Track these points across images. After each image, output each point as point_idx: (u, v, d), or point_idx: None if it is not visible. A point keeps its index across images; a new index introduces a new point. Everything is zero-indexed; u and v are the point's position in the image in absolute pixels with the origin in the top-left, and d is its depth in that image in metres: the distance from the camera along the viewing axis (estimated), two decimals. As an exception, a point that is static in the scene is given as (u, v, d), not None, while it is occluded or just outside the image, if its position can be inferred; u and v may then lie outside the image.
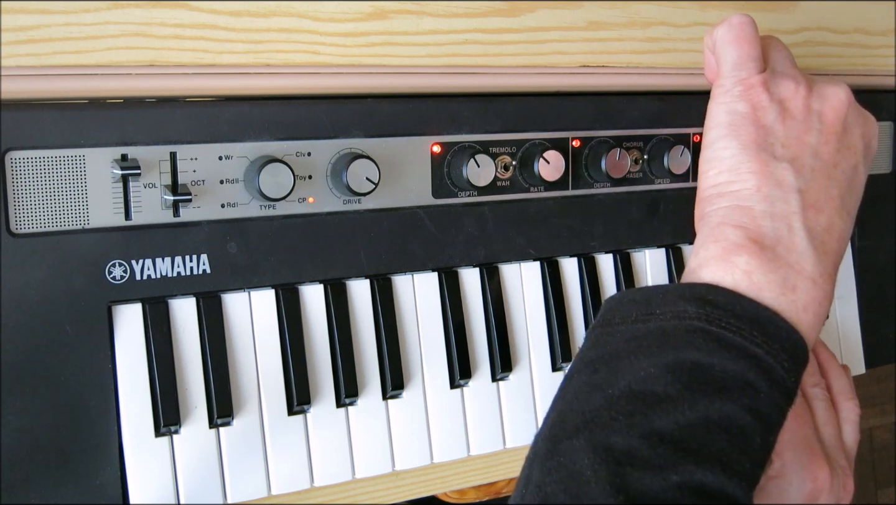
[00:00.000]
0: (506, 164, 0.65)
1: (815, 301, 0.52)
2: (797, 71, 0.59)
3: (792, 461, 0.65)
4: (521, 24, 0.64)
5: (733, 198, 0.54)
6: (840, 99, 0.58)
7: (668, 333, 0.50)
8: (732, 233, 0.53)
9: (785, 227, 0.53)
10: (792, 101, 0.57)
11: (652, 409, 0.46)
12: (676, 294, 0.52)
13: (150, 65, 0.54)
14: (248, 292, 0.59)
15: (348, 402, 0.62)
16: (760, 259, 0.52)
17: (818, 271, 0.53)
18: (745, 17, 0.58)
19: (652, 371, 0.48)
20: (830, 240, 0.54)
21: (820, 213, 0.54)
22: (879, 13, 0.79)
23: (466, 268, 0.66)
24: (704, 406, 0.47)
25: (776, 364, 0.49)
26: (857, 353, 0.83)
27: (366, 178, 0.59)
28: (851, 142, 0.58)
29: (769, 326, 0.50)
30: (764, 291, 0.51)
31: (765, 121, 0.55)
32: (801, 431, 0.67)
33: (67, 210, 0.53)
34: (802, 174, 0.55)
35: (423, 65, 0.61)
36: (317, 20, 0.58)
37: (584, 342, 0.53)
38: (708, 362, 0.48)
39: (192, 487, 0.57)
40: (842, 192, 0.56)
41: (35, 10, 0.50)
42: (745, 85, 0.56)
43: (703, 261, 0.53)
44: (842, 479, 0.66)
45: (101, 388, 0.54)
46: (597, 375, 0.50)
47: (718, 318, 0.50)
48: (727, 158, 0.55)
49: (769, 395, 0.49)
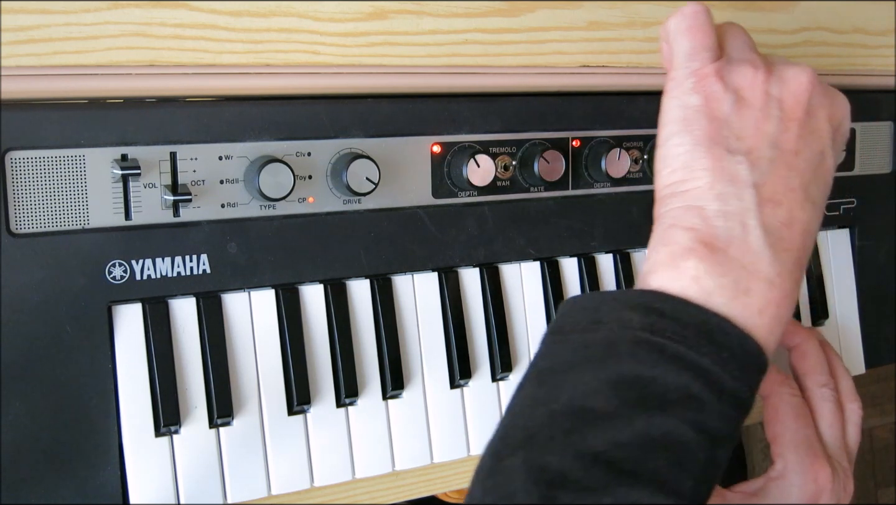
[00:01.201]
0: (506, 164, 0.65)
1: (772, 303, 0.50)
2: (756, 55, 0.56)
3: (794, 462, 0.65)
4: (521, 24, 0.64)
5: (686, 198, 0.52)
6: (801, 82, 0.54)
7: (613, 344, 0.47)
8: (682, 236, 0.50)
9: (739, 226, 0.50)
10: (749, 88, 0.53)
11: (589, 427, 0.44)
12: (623, 302, 0.49)
13: (150, 65, 0.54)
14: (248, 292, 0.59)
15: (348, 402, 0.62)
16: (710, 263, 0.49)
17: (775, 271, 0.50)
18: (697, 6, 0.55)
19: (593, 386, 0.46)
20: (791, 235, 0.51)
21: (778, 207, 0.51)
22: (879, 13, 0.79)
23: (466, 268, 0.66)
24: (643, 423, 0.44)
25: (724, 374, 0.47)
26: (857, 353, 0.83)
27: (366, 178, 0.59)
28: (816, 126, 0.54)
29: (717, 334, 0.47)
30: (714, 297, 0.49)
31: (719, 113, 0.52)
32: (803, 431, 0.67)
33: (67, 210, 0.53)
34: (759, 167, 0.52)
35: (423, 65, 0.61)
36: (317, 20, 0.58)
37: (538, 350, 0.51)
38: (650, 376, 0.46)
39: (192, 487, 0.57)
40: (805, 181, 0.53)
41: (35, 10, 0.50)
42: (697, 76, 0.53)
43: (653, 266, 0.51)
44: (843, 480, 0.66)
45: (101, 388, 0.54)
46: (542, 388, 0.48)
47: (663, 327, 0.47)
48: (680, 156, 0.52)
49: (716, 408, 0.46)
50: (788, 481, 0.65)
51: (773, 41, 0.74)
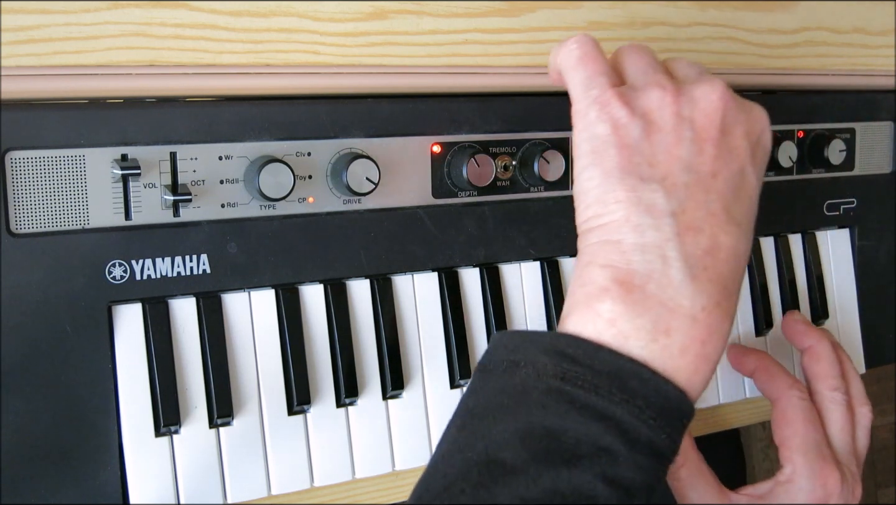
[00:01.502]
0: (506, 164, 0.65)
1: (696, 341, 0.47)
2: (662, 75, 0.53)
3: (802, 467, 0.65)
4: (521, 24, 0.64)
5: (602, 232, 0.49)
6: (712, 99, 0.51)
7: (527, 392, 0.46)
8: (599, 274, 0.48)
9: (658, 260, 0.48)
10: (657, 111, 0.50)
11: (497, 481, 0.43)
12: (540, 346, 0.48)
13: (150, 65, 0.54)
14: (248, 292, 0.59)
15: (348, 402, 0.62)
16: (626, 304, 0.47)
17: (699, 305, 0.47)
18: (581, 37, 0.53)
19: (504, 437, 0.44)
20: (715, 263, 0.49)
21: (700, 234, 0.49)
22: (879, 13, 0.79)
23: (466, 268, 0.66)
24: (551, 478, 0.43)
25: (639, 423, 0.45)
26: (857, 353, 0.83)
27: (366, 179, 0.59)
28: (733, 144, 0.51)
29: (632, 381, 0.46)
30: (630, 340, 0.47)
31: (628, 140, 0.50)
32: (812, 436, 0.66)
33: (67, 210, 0.53)
34: (675, 193, 0.49)
35: (423, 65, 0.61)
36: (317, 20, 0.58)
37: (469, 383, 0.50)
38: (560, 427, 0.44)
39: (192, 487, 0.57)
40: (726, 203, 0.50)
41: (35, 10, 0.50)
42: (600, 104, 0.50)
43: (570, 307, 0.49)
44: (851, 484, 0.66)
45: (101, 388, 0.54)
46: (463, 432, 0.47)
47: (575, 375, 0.46)
48: (592, 190, 0.50)
49: (630, 458, 0.44)
50: (797, 486, 0.65)
51: (773, 41, 0.74)
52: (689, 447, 0.67)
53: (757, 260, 0.77)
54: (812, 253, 0.80)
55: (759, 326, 0.77)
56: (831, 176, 0.80)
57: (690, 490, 0.66)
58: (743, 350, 0.74)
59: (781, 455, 0.67)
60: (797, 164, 0.77)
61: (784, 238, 0.79)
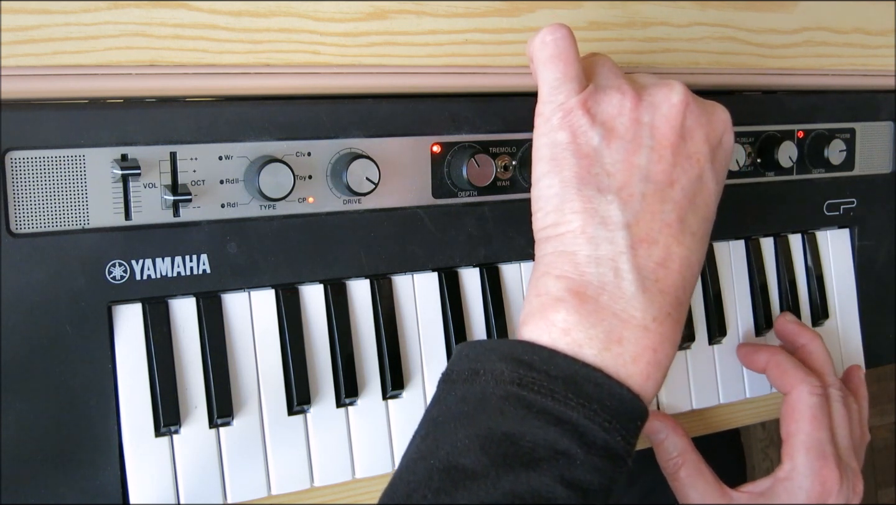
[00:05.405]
0: (506, 164, 0.65)
1: (649, 349, 0.48)
2: (624, 81, 0.53)
3: (802, 464, 0.66)
4: (522, 24, 0.64)
5: (558, 242, 0.50)
6: (672, 104, 0.52)
7: (486, 399, 0.47)
8: (554, 285, 0.49)
9: (611, 272, 0.49)
10: (617, 118, 0.51)
11: (458, 486, 0.44)
12: (498, 353, 0.48)
13: (150, 65, 0.54)
14: (248, 292, 0.59)
15: (348, 402, 0.62)
16: (580, 314, 0.48)
17: (650, 316, 0.49)
18: (561, 31, 0.52)
19: (465, 443, 0.45)
20: (667, 274, 0.50)
21: (654, 246, 0.50)
22: (879, 13, 0.79)
23: (466, 268, 0.66)
24: (510, 482, 0.43)
25: (595, 426, 0.46)
26: (858, 353, 0.83)
27: (366, 179, 0.59)
28: (692, 150, 0.52)
29: (587, 385, 0.47)
30: (584, 348, 0.48)
31: (587, 149, 0.50)
32: (816, 434, 0.67)
33: (67, 210, 0.53)
34: (630, 205, 0.50)
35: (423, 65, 0.61)
36: (317, 20, 0.58)
37: (434, 394, 0.51)
38: (518, 432, 0.45)
39: (192, 487, 0.57)
40: (681, 213, 0.51)
41: (35, 10, 0.50)
42: (563, 110, 0.51)
43: (526, 317, 0.50)
44: (852, 481, 0.67)
45: (101, 388, 0.54)
46: (427, 441, 0.48)
47: (532, 381, 0.46)
48: (551, 198, 0.51)
49: (587, 461, 0.45)
50: (796, 483, 0.66)
51: (773, 41, 0.74)
52: (689, 447, 0.67)
53: (757, 260, 0.77)
54: (812, 253, 0.80)
55: (759, 326, 0.77)
56: (831, 176, 0.80)
57: (691, 490, 0.66)
58: (754, 347, 0.74)
59: (784, 450, 0.67)
60: (797, 165, 0.77)
61: (784, 238, 0.79)
